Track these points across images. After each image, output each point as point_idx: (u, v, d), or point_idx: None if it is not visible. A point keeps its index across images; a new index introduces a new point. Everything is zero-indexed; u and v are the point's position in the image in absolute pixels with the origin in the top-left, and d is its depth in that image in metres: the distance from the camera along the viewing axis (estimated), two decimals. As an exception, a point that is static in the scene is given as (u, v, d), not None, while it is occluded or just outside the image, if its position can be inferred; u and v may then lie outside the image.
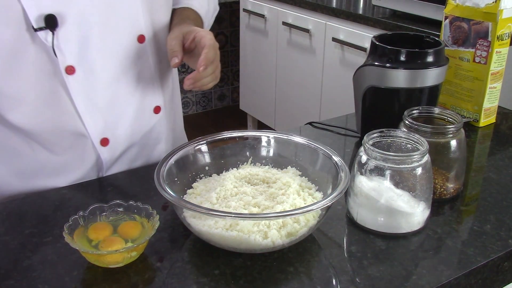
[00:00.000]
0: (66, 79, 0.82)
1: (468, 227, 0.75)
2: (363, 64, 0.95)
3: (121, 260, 0.65)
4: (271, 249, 0.66)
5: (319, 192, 0.76)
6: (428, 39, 0.98)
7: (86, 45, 0.82)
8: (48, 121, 0.85)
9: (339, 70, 2.24)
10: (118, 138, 0.91)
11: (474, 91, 1.05)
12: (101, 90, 0.86)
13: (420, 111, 0.82)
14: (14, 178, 0.90)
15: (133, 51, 0.87)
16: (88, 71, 0.83)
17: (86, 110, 0.85)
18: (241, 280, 0.64)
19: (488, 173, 0.90)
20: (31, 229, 0.74)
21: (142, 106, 0.93)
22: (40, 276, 0.65)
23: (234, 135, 0.84)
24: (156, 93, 0.94)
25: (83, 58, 0.82)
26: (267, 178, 0.79)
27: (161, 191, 0.67)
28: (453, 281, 0.65)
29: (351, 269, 0.67)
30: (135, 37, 0.86)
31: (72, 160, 0.90)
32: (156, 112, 0.95)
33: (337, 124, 1.08)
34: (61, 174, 0.90)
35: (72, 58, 0.81)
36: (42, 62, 0.80)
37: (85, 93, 0.84)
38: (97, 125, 0.88)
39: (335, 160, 0.74)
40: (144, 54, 0.89)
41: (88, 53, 0.82)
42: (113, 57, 0.85)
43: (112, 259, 0.64)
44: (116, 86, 0.87)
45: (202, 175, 0.80)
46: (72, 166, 0.91)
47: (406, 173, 0.70)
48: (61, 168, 0.90)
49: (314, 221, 0.68)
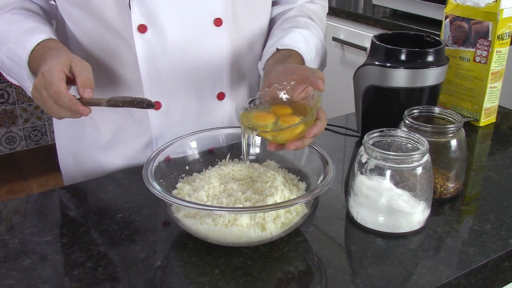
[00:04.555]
0: (135, 37, 0.85)
1: (468, 227, 0.75)
2: (364, 64, 0.94)
3: (300, 132, 0.69)
4: (268, 240, 0.68)
5: (302, 182, 0.78)
6: (429, 38, 0.98)
7: (162, 10, 0.84)
8: (109, 74, 0.90)
9: (339, 70, 2.24)
10: (172, 107, 0.93)
11: (474, 91, 1.05)
12: (167, 56, 0.88)
13: (420, 110, 0.82)
14: (73, 157, 1.01)
15: (207, 31, 0.89)
16: (159, 33, 0.86)
17: (147, 70, 0.88)
18: (241, 280, 0.64)
19: (488, 172, 0.90)
20: (31, 228, 0.74)
21: (204, 86, 0.94)
22: (41, 275, 0.65)
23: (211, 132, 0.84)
24: (223, 80, 0.95)
25: (156, 21, 0.85)
26: (251, 172, 0.79)
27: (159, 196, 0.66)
28: (453, 280, 0.65)
29: (351, 269, 0.66)
30: (212, 19, 0.88)
31: (123, 129, 0.96)
32: (220, 98, 0.96)
33: (337, 123, 1.08)
34: (114, 148, 0.97)
35: (146, 17, 0.84)
36: (113, 15, 0.85)
37: (151, 54, 0.87)
38: (154, 87, 0.90)
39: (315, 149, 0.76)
40: (218, 38, 0.90)
41: (162, 17, 0.85)
42: (185, 29, 0.87)
43: (291, 134, 0.69)
44: (182, 58, 0.89)
45: (183, 174, 0.80)
46: (123, 135, 0.96)
47: (406, 172, 0.70)
48: (114, 140, 0.96)
49: (306, 210, 0.70)
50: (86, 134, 1.00)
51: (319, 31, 1.00)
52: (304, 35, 0.93)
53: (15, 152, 2.95)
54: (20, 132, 2.93)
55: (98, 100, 0.77)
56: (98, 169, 1.00)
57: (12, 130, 2.91)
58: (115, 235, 0.72)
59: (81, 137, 1.01)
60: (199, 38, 0.89)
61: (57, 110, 0.77)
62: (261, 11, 0.97)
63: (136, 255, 0.68)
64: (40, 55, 0.81)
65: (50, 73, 0.75)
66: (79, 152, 1.03)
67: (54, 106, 0.76)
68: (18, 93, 2.85)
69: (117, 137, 0.98)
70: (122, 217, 0.76)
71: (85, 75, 0.77)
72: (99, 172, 0.99)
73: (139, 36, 0.85)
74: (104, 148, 0.99)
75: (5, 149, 2.93)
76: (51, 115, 0.79)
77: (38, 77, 0.77)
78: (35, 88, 0.77)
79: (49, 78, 0.75)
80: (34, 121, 2.95)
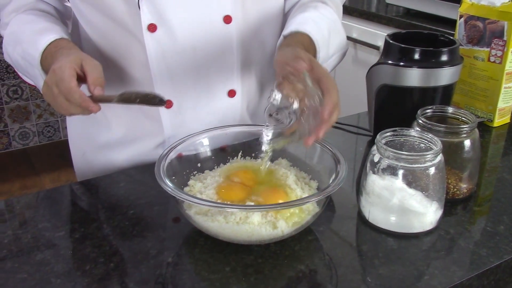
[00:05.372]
0: (145, 36, 0.86)
1: (481, 228, 0.75)
2: (377, 63, 0.94)
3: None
4: (279, 238, 0.68)
5: (313, 180, 0.78)
6: (443, 38, 0.97)
7: (171, 9, 0.85)
8: (120, 73, 0.91)
9: (352, 69, 2.23)
10: (183, 105, 0.94)
11: (488, 91, 1.04)
12: (177, 54, 0.89)
13: (433, 110, 0.82)
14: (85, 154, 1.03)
15: (216, 28, 0.89)
16: (169, 32, 0.86)
17: (158, 69, 0.89)
18: (252, 277, 0.64)
19: (502, 173, 0.89)
20: (44, 223, 0.75)
21: (214, 84, 0.94)
22: (53, 270, 0.65)
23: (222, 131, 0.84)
24: (234, 77, 0.95)
25: (166, 21, 0.85)
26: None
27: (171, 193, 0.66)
28: (466, 281, 0.64)
29: (362, 269, 0.66)
30: (221, 16, 0.88)
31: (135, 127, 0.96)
32: (231, 95, 0.96)
33: (349, 122, 1.08)
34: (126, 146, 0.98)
35: (155, 16, 0.85)
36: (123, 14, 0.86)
37: (162, 53, 0.88)
38: (165, 86, 0.91)
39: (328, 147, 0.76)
40: (228, 35, 0.90)
41: (171, 17, 0.85)
42: (194, 28, 0.88)
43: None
44: (192, 56, 0.89)
45: (195, 172, 0.80)
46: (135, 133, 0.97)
47: (419, 172, 0.70)
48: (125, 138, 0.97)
49: (317, 209, 0.70)
50: (98, 131, 1.00)
51: (331, 12, 0.97)
52: (312, 16, 0.90)
53: (28, 147, 2.98)
54: (34, 128, 2.96)
55: (109, 96, 0.77)
56: (108, 166, 1.00)
57: (26, 126, 2.94)
58: (127, 231, 0.73)
59: (93, 134, 1.01)
60: (209, 36, 0.89)
61: (67, 106, 0.77)
62: (271, 4, 0.96)
63: (148, 251, 0.68)
64: (52, 54, 0.82)
65: (61, 70, 0.75)
66: (90, 149, 1.03)
67: (64, 103, 0.77)
68: (31, 89, 2.87)
69: (129, 135, 0.98)
70: (134, 213, 0.77)
71: (96, 73, 0.77)
72: (110, 170, 0.99)
73: (149, 35, 0.86)
74: (115, 146, 1.00)
75: (19, 145, 2.96)
76: (61, 112, 0.79)
77: (49, 74, 0.77)
78: (46, 85, 0.78)
79: (60, 75, 0.75)
80: (47, 117, 2.98)
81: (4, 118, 2.87)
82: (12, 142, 2.93)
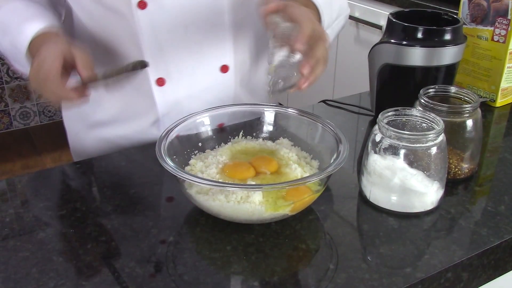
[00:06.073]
0: (135, 13, 0.85)
1: (482, 208, 0.75)
2: (379, 42, 0.93)
3: None
4: (280, 217, 0.68)
5: (314, 160, 0.78)
6: (446, 16, 0.96)
7: None
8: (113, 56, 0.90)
9: (354, 48, 2.22)
10: (176, 83, 0.93)
11: (491, 71, 1.03)
12: (168, 31, 0.88)
13: (436, 90, 0.81)
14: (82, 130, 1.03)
15: (207, 3, 0.88)
16: (159, 8, 0.86)
17: (149, 47, 0.88)
18: (253, 256, 0.64)
19: (504, 153, 0.89)
20: (45, 202, 0.75)
21: (206, 60, 0.93)
22: (55, 248, 0.66)
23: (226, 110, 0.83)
24: (227, 52, 0.94)
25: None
26: (263, 150, 0.79)
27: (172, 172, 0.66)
28: (466, 261, 0.64)
29: (363, 248, 0.66)
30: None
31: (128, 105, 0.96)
32: (223, 71, 0.95)
33: (351, 102, 1.07)
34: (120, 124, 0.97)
35: None
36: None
37: (152, 30, 0.87)
38: (158, 64, 0.90)
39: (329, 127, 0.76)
40: (219, 10, 0.89)
41: None
42: (184, 2, 0.87)
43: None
44: (183, 31, 0.89)
45: (196, 151, 0.80)
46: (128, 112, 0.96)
47: (420, 152, 0.69)
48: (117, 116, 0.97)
49: (318, 188, 0.70)
50: (91, 110, 1.00)
51: None
52: None
53: (29, 127, 2.98)
54: (34, 107, 2.95)
55: (94, 75, 0.77)
56: (103, 146, 1.01)
57: (26, 106, 2.93)
58: (128, 210, 0.73)
59: (86, 112, 1.01)
60: (199, 9, 0.89)
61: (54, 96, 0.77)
62: None
63: (149, 230, 0.68)
64: (39, 41, 0.82)
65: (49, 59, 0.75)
66: (84, 128, 1.03)
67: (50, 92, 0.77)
68: (32, 69, 2.86)
69: (122, 113, 0.98)
70: (135, 192, 0.77)
71: (85, 58, 0.77)
72: (105, 149, 0.99)
73: (140, 12, 0.85)
74: (109, 124, 0.99)
75: (20, 124, 2.95)
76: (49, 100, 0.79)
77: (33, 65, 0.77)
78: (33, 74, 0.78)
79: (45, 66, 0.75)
80: (47, 97, 2.97)
81: (4, 97, 2.86)
82: (13, 122, 2.93)
